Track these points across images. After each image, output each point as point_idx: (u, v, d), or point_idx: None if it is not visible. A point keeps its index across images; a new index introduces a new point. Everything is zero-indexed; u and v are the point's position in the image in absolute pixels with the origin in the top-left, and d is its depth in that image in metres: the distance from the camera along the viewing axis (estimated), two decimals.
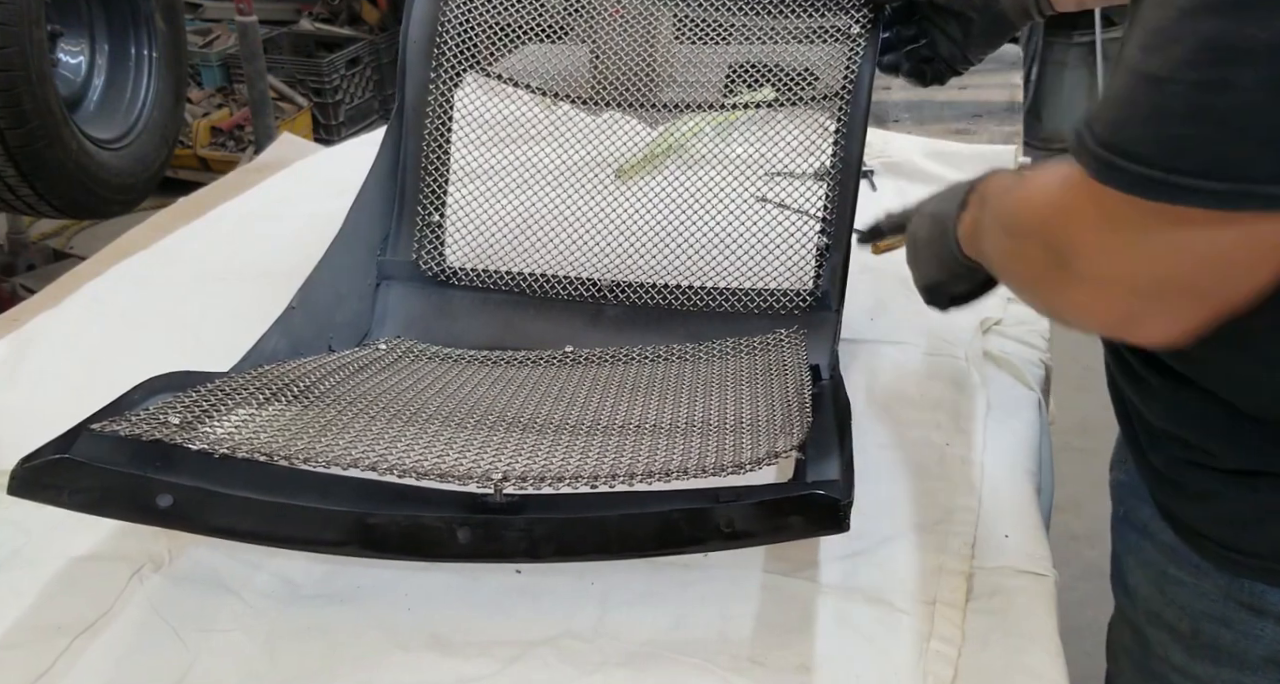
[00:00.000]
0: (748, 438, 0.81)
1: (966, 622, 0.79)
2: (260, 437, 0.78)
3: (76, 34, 2.53)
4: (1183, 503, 0.74)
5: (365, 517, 0.74)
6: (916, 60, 1.07)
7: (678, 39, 1.18)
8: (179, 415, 0.77)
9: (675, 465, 0.75)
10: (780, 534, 0.74)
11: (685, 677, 0.75)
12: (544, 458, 0.78)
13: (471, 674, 0.75)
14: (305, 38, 3.92)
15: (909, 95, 1.92)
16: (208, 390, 0.81)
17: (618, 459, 0.78)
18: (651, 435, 0.84)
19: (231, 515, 0.74)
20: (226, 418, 0.80)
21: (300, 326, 1.01)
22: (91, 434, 0.72)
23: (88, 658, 0.77)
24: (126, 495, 0.73)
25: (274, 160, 1.67)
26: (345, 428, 0.82)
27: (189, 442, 0.73)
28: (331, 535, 0.75)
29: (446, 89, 1.15)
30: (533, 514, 0.73)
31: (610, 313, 1.11)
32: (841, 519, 0.70)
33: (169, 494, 0.72)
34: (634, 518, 0.73)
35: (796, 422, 0.82)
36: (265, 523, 0.75)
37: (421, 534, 0.74)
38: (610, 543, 0.74)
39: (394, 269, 1.14)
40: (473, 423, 0.87)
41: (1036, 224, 0.64)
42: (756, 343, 1.04)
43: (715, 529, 0.72)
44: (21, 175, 2.17)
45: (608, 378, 0.99)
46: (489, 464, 0.76)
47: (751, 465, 0.73)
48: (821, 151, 1.09)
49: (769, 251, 1.09)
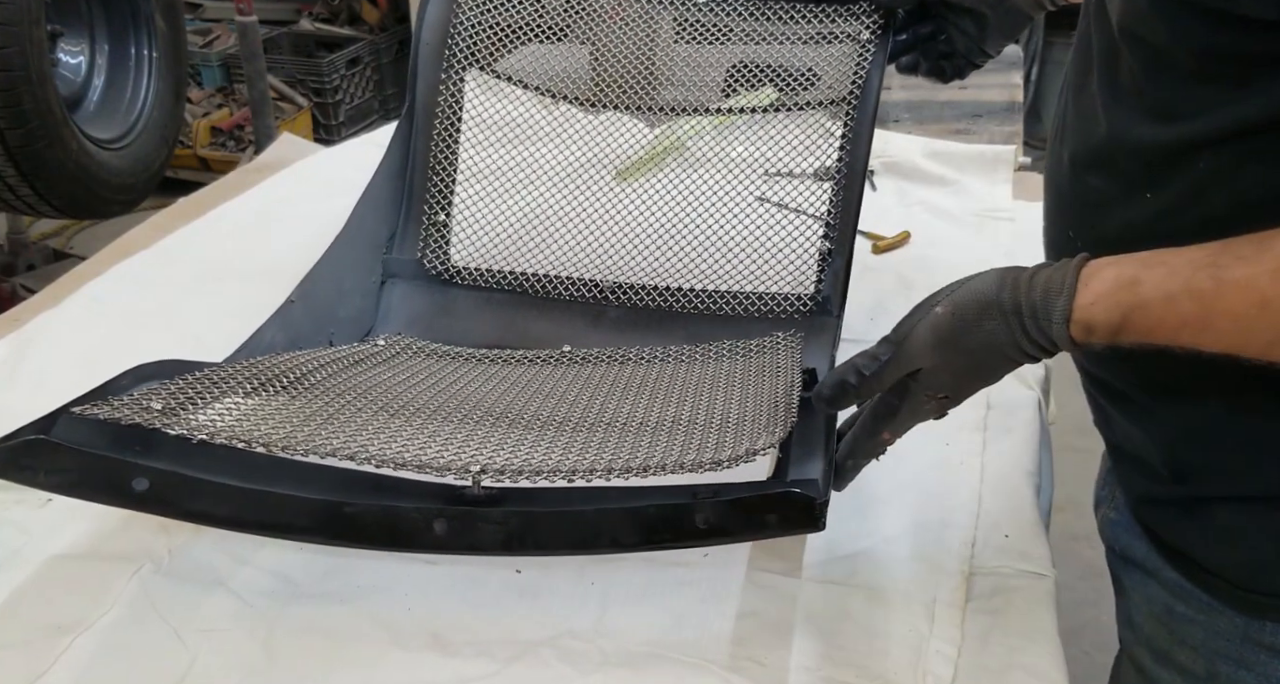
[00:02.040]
0: (730, 435, 0.81)
1: (966, 622, 0.79)
2: (242, 424, 0.77)
3: (76, 34, 2.53)
4: (1190, 541, 0.71)
5: (342, 505, 0.73)
6: (935, 58, 1.05)
7: (679, 39, 1.18)
8: (162, 401, 0.77)
9: (655, 461, 0.75)
10: (756, 532, 0.74)
11: (685, 677, 0.75)
12: (525, 452, 0.78)
13: (471, 674, 0.75)
14: (305, 38, 3.92)
15: (909, 95, 1.92)
16: (195, 378, 0.81)
17: (599, 454, 0.78)
18: (636, 432, 0.84)
19: (208, 501, 0.74)
20: (211, 405, 0.80)
21: (299, 320, 1.01)
22: (72, 417, 0.73)
23: (88, 658, 0.77)
24: (102, 478, 0.73)
25: (274, 160, 1.67)
26: (330, 418, 0.82)
27: (169, 427, 0.73)
28: (307, 523, 0.75)
29: (456, 91, 1.16)
30: (509, 507, 0.73)
31: (611, 314, 1.11)
32: (817, 518, 0.70)
33: (145, 478, 0.72)
34: (609, 513, 0.73)
35: (780, 421, 0.82)
36: (241, 509, 0.74)
37: (397, 524, 0.74)
38: (586, 537, 0.74)
39: (399, 267, 1.15)
40: (459, 417, 0.87)
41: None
42: (752, 345, 1.04)
43: (691, 525, 0.71)
44: (21, 175, 2.17)
45: (600, 376, 0.99)
46: (469, 456, 0.76)
47: (730, 462, 0.73)
48: (826, 154, 1.09)
49: (770, 255, 1.09)
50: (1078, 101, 0.72)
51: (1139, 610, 0.78)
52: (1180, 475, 0.71)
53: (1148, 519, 0.76)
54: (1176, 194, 0.63)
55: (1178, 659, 0.74)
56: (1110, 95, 0.67)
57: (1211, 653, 0.71)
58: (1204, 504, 0.70)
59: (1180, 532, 0.73)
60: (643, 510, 0.72)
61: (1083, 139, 0.71)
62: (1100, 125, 0.68)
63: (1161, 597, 0.75)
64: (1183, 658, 0.74)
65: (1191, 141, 0.61)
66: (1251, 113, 0.58)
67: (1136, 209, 0.66)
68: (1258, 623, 0.69)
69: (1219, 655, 0.71)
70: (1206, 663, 0.72)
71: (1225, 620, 0.70)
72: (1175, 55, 0.61)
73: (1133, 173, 0.66)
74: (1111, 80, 0.67)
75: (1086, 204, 0.71)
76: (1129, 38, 0.63)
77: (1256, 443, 0.66)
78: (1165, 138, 0.63)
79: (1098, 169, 0.69)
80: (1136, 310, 0.58)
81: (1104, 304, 0.59)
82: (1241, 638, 0.69)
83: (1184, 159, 0.62)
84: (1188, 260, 0.58)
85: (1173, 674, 0.75)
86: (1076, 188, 0.72)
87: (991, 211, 1.43)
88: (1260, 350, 0.56)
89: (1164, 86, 0.63)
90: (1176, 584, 0.73)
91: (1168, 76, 0.62)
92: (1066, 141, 0.73)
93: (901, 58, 1.07)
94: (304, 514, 0.74)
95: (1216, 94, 0.60)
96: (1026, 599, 0.81)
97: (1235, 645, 0.70)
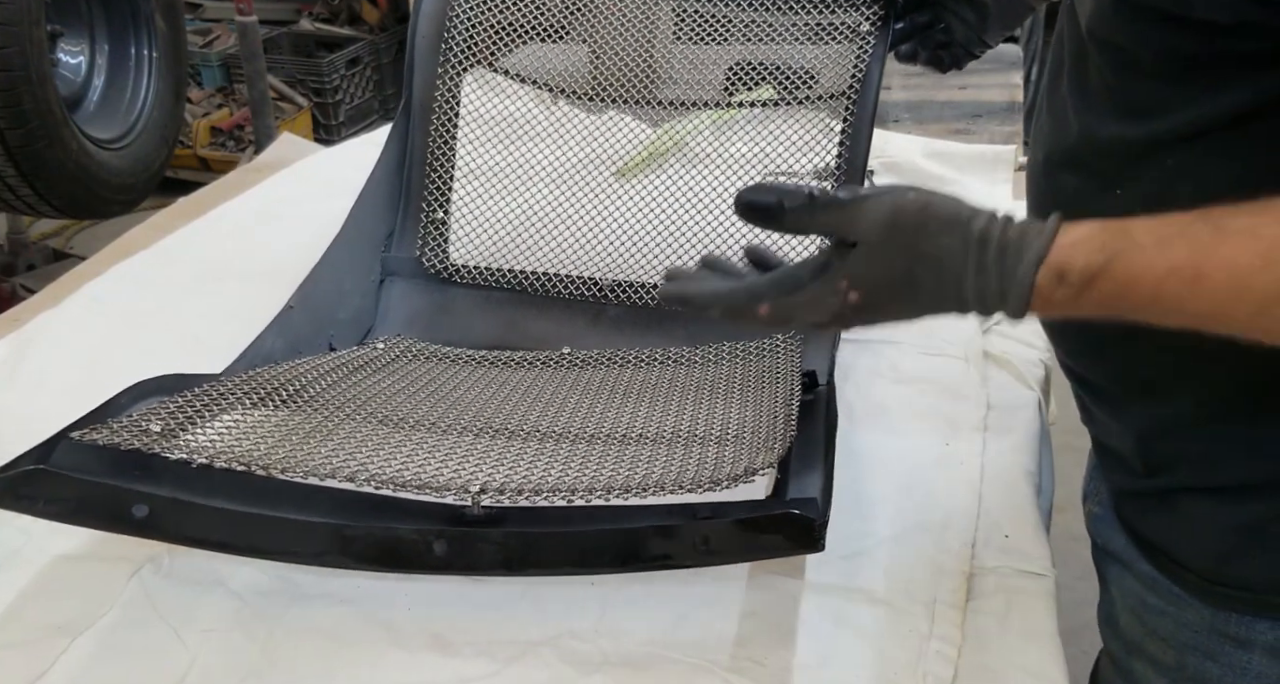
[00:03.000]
0: (729, 450, 0.82)
1: (966, 622, 0.79)
2: (242, 444, 0.78)
3: (76, 34, 2.53)
4: (1161, 533, 0.72)
5: (342, 528, 0.74)
6: (933, 47, 1.05)
7: (678, 38, 1.18)
8: (161, 422, 0.77)
9: (654, 480, 0.75)
10: (755, 553, 0.75)
11: (685, 677, 0.75)
12: (524, 468, 0.79)
13: (471, 674, 0.75)
14: (305, 38, 3.92)
15: (909, 95, 1.92)
16: (194, 395, 0.82)
17: (598, 471, 0.78)
18: (635, 445, 0.84)
19: (207, 526, 0.74)
20: (211, 424, 0.80)
21: (298, 325, 1.01)
22: (71, 443, 0.72)
23: (88, 658, 0.77)
24: (102, 505, 0.73)
25: (274, 160, 1.67)
26: (330, 434, 0.82)
27: (169, 450, 0.73)
28: (308, 547, 0.76)
29: (453, 85, 1.15)
30: (508, 527, 0.73)
31: (611, 313, 1.11)
32: (816, 539, 0.70)
33: (145, 504, 0.72)
34: (609, 533, 0.74)
35: (780, 435, 0.82)
36: (241, 534, 0.75)
37: (398, 547, 0.74)
38: (585, 557, 0.75)
39: (398, 265, 1.14)
40: (459, 429, 0.88)
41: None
42: (751, 348, 1.04)
43: (690, 547, 0.72)
44: (21, 175, 2.17)
45: (600, 382, 0.99)
46: (468, 474, 0.77)
47: (728, 482, 0.73)
48: (826, 151, 1.09)
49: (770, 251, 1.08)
50: (1050, 102, 0.73)
51: (1114, 604, 0.79)
52: (1152, 468, 0.72)
53: (1125, 512, 0.77)
54: (1145, 192, 0.64)
55: (1148, 650, 0.75)
56: (1080, 96, 0.68)
57: (1180, 644, 0.72)
58: (1173, 495, 0.71)
59: (1153, 524, 0.74)
60: (642, 532, 0.73)
61: (1056, 139, 0.72)
62: (1072, 125, 0.69)
63: (1136, 589, 0.75)
64: (1153, 649, 0.75)
65: (1159, 139, 0.63)
66: (1213, 111, 0.60)
67: (1108, 206, 0.66)
68: (1223, 614, 0.69)
69: (1187, 647, 0.72)
70: (1176, 654, 0.73)
71: (1193, 612, 0.71)
72: (1139, 57, 0.62)
73: (1103, 171, 0.67)
74: (1081, 81, 0.68)
75: (1060, 203, 0.71)
76: (1096, 40, 0.65)
77: (1222, 436, 0.67)
78: (1133, 136, 0.64)
79: (1070, 168, 0.70)
80: (1123, 255, 0.54)
81: (1086, 247, 0.55)
82: (1208, 629, 0.70)
83: (1152, 156, 0.63)
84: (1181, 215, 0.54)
85: (1144, 665, 0.76)
86: (1051, 186, 0.73)
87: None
88: (1246, 317, 0.52)
89: (1130, 87, 0.64)
90: (1149, 576, 0.74)
91: (1133, 77, 0.63)
92: (1041, 142, 0.75)
93: (901, 46, 1.06)
94: (304, 538, 0.75)
95: (1180, 93, 0.61)
96: (1026, 599, 0.81)
97: (1203, 637, 0.71)
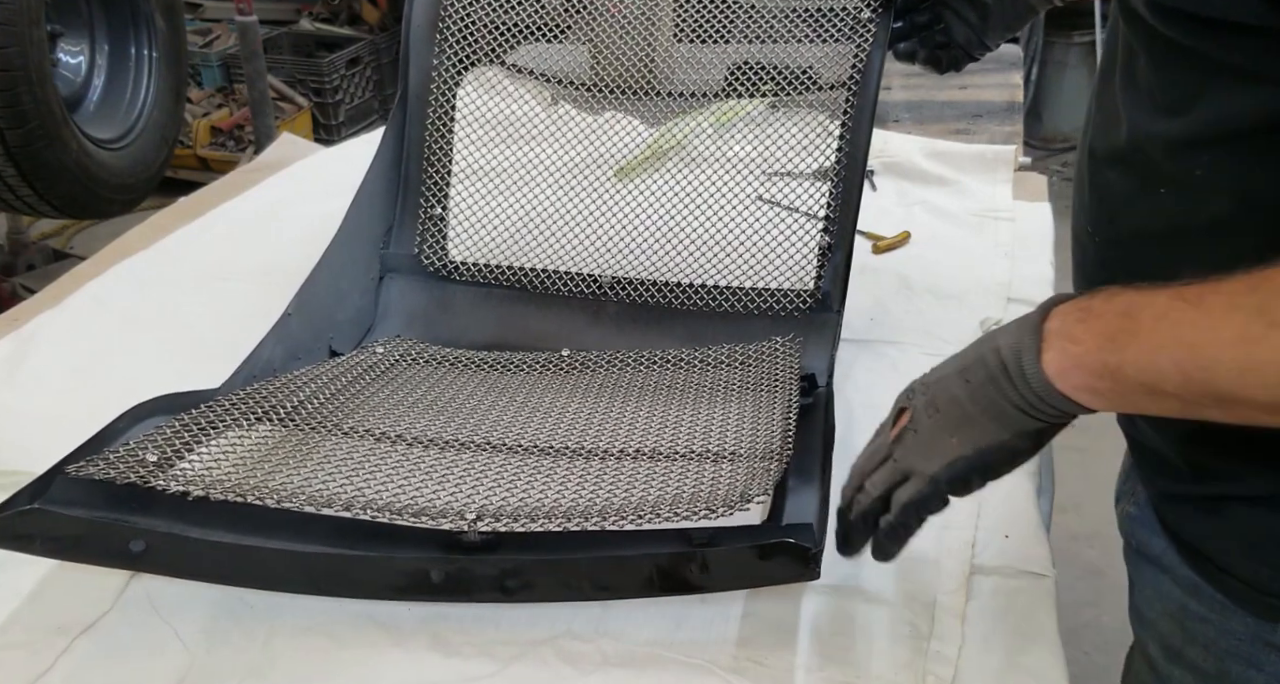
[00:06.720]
0: (726, 469, 0.81)
1: (966, 622, 0.79)
2: (239, 471, 0.78)
3: (76, 34, 2.53)
4: (1207, 540, 0.71)
5: (339, 558, 0.74)
6: (932, 47, 1.04)
7: (678, 38, 1.18)
8: (158, 450, 0.77)
9: (649, 506, 0.75)
10: (750, 580, 0.75)
11: (685, 677, 0.75)
12: (521, 490, 0.78)
13: (471, 674, 0.75)
14: (305, 38, 3.92)
15: (909, 95, 1.92)
16: (190, 419, 0.82)
17: (595, 493, 0.78)
18: (633, 462, 0.84)
19: (205, 559, 0.75)
20: (207, 449, 0.80)
21: (297, 332, 1.01)
22: (67, 479, 0.72)
23: (88, 658, 0.77)
24: (99, 541, 0.73)
25: (274, 160, 1.67)
26: (326, 457, 0.82)
27: (165, 482, 0.74)
28: (305, 577, 0.76)
29: (449, 77, 1.14)
30: (505, 554, 0.73)
31: (611, 310, 1.11)
32: (812, 568, 0.70)
33: (141, 539, 0.72)
34: (604, 561, 0.74)
35: (776, 455, 0.82)
36: (238, 567, 0.75)
37: (396, 576, 0.75)
38: (580, 585, 0.75)
39: (396, 262, 1.14)
40: (457, 445, 0.87)
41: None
42: (751, 352, 1.03)
43: (685, 575, 0.73)
44: (21, 175, 2.17)
45: (599, 388, 0.99)
46: (465, 498, 0.77)
47: (724, 510, 0.74)
48: (825, 149, 1.08)
49: (770, 250, 1.08)
50: (1101, 97, 0.73)
51: (1151, 607, 0.78)
52: (1200, 474, 0.71)
53: (1167, 516, 0.75)
54: (1184, 194, 0.64)
55: (1189, 656, 0.74)
56: (1129, 92, 0.68)
57: (1222, 652, 0.71)
58: (1223, 503, 0.70)
59: (1198, 530, 0.72)
60: (636, 559, 0.73)
61: (1103, 134, 0.72)
62: (1121, 122, 0.69)
63: (1176, 594, 0.74)
64: (1194, 655, 0.73)
65: (1196, 137, 0.62)
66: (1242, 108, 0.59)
67: (1150, 206, 0.66)
68: (1270, 625, 0.68)
69: (1230, 655, 0.71)
70: (1217, 661, 0.72)
71: (1238, 620, 0.70)
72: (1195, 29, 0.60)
73: (1146, 168, 0.66)
74: (1131, 78, 0.68)
75: (1104, 199, 0.71)
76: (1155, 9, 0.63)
77: (1272, 445, 0.66)
78: (1173, 132, 0.63)
79: (1116, 164, 0.70)
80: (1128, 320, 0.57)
81: (1069, 356, 0.59)
82: (1253, 638, 0.69)
83: (1190, 154, 0.63)
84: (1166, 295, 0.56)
85: (1183, 671, 0.75)
86: (1097, 181, 0.72)
87: (991, 212, 1.43)
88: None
89: (1169, 80, 0.63)
90: (1191, 582, 0.72)
91: (1173, 70, 0.63)
92: (1090, 137, 0.74)
93: (900, 44, 1.06)
94: (300, 569, 0.75)
95: (1218, 88, 0.60)
96: (1026, 599, 0.81)
97: (1247, 645, 0.70)
